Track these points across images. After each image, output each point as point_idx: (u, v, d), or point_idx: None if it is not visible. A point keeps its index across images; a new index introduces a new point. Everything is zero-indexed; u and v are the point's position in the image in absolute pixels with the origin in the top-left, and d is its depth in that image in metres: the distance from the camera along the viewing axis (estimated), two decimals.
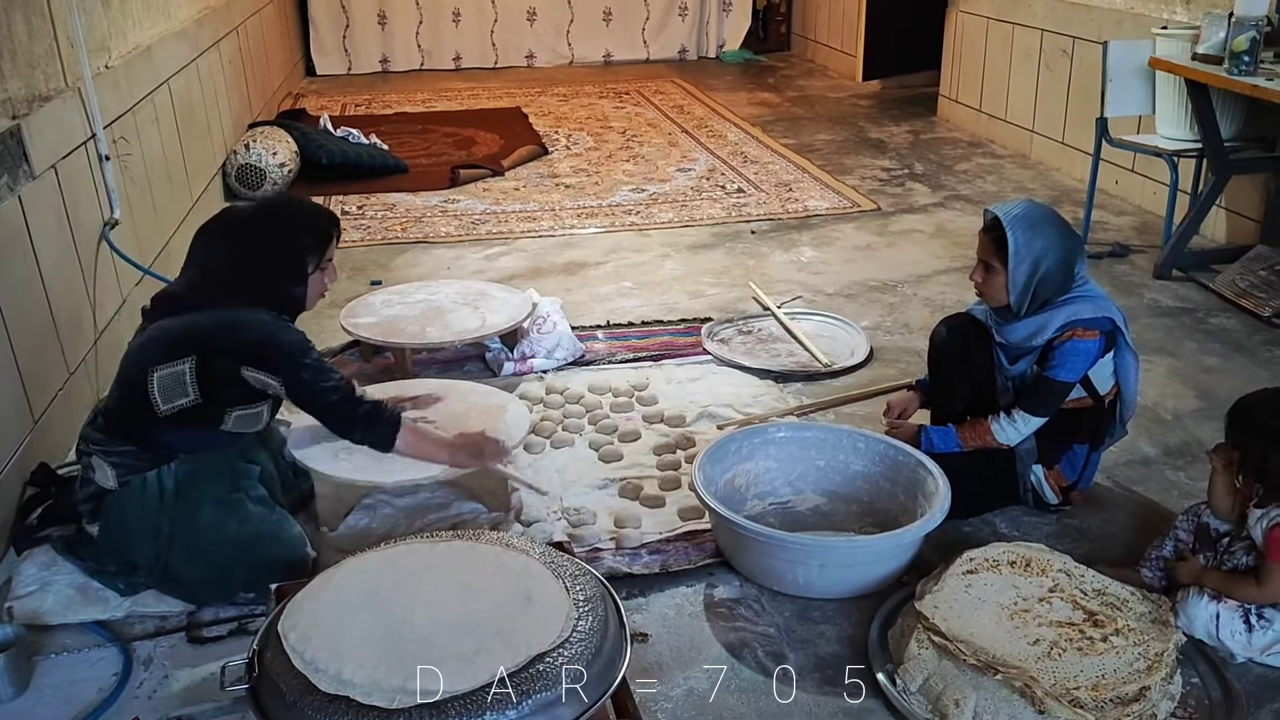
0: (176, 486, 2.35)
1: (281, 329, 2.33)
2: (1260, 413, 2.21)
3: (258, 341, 2.29)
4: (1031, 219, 2.52)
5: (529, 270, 4.46)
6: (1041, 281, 2.53)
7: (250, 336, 2.29)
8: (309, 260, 2.40)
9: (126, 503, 2.32)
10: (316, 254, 2.42)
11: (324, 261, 2.45)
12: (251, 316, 2.32)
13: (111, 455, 2.33)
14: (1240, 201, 4.46)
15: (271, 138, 5.49)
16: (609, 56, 9.54)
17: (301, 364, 2.31)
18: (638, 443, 3.07)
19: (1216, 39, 3.98)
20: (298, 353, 2.31)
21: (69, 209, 3.20)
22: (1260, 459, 2.17)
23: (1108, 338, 2.56)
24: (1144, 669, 1.98)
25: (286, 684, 1.74)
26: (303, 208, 2.51)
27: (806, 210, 5.21)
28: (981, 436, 2.62)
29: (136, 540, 2.32)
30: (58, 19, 3.36)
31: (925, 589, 2.21)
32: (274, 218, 2.43)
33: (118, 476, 2.32)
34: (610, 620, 1.92)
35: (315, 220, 2.45)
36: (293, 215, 2.45)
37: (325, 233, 2.44)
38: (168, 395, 2.28)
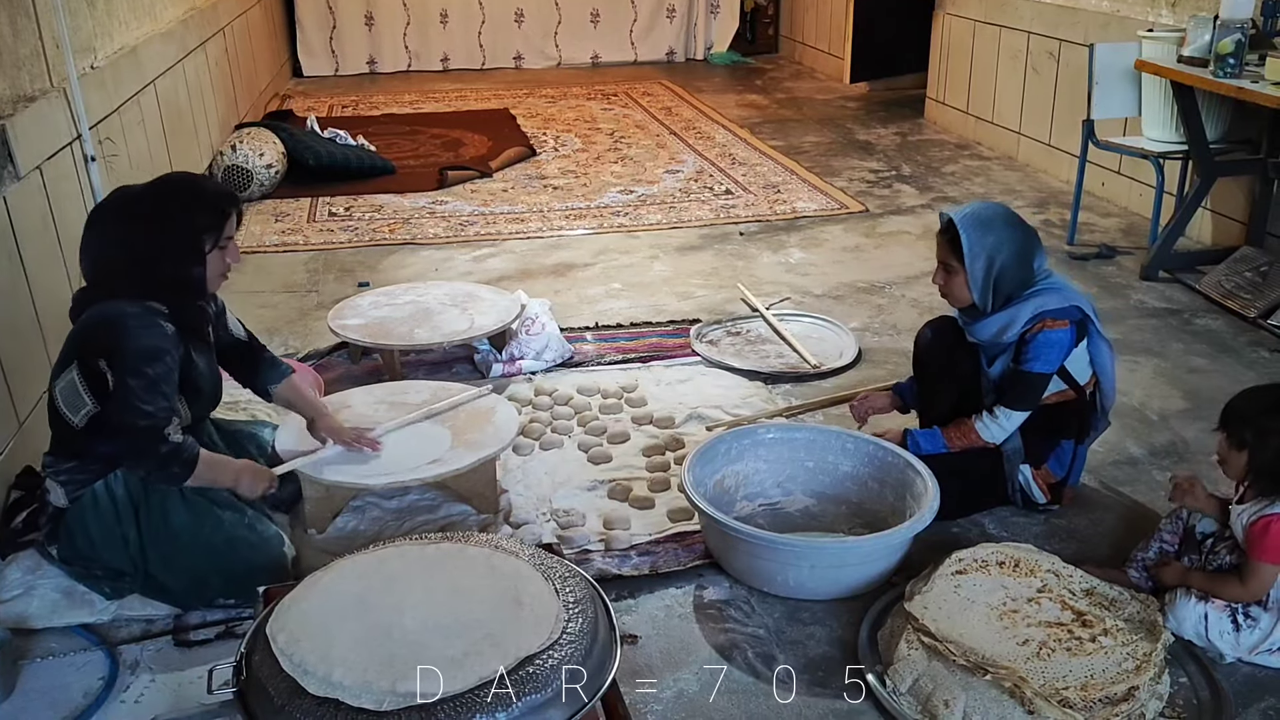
0: (128, 493, 2.31)
1: (142, 328, 2.20)
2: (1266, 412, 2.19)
3: (108, 335, 2.18)
4: (982, 217, 2.56)
5: (517, 272, 4.45)
6: (1000, 276, 2.56)
7: (107, 331, 2.19)
8: (205, 239, 2.28)
9: (83, 518, 2.30)
10: (213, 232, 2.29)
11: (223, 240, 2.32)
12: (116, 308, 2.21)
13: (60, 474, 2.31)
14: (1226, 203, 4.48)
15: (258, 139, 5.47)
16: (597, 58, 9.54)
17: (138, 369, 2.17)
18: (627, 444, 3.06)
19: (1202, 41, 4.00)
20: (142, 357, 2.18)
21: (54, 210, 3.18)
22: (1273, 458, 2.16)
23: (1078, 327, 2.59)
24: (1132, 669, 1.98)
25: (275, 687, 1.73)
26: (197, 185, 2.37)
27: (795, 212, 5.21)
28: (967, 436, 2.63)
29: (106, 552, 2.30)
30: (43, 19, 3.34)
31: (915, 590, 2.21)
32: (166, 196, 2.29)
33: (68, 494, 2.30)
34: (600, 622, 1.91)
35: (209, 198, 2.32)
36: (184, 194, 2.31)
37: (221, 210, 2.31)
38: (72, 406, 2.23)
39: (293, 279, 4.40)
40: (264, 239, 4.87)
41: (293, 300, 4.16)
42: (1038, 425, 2.63)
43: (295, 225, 5.09)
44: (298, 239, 4.88)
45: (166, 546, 2.31)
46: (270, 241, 4.84)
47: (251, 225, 5.03)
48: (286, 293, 4.25)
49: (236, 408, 2.98)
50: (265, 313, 3.99)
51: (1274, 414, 2.19)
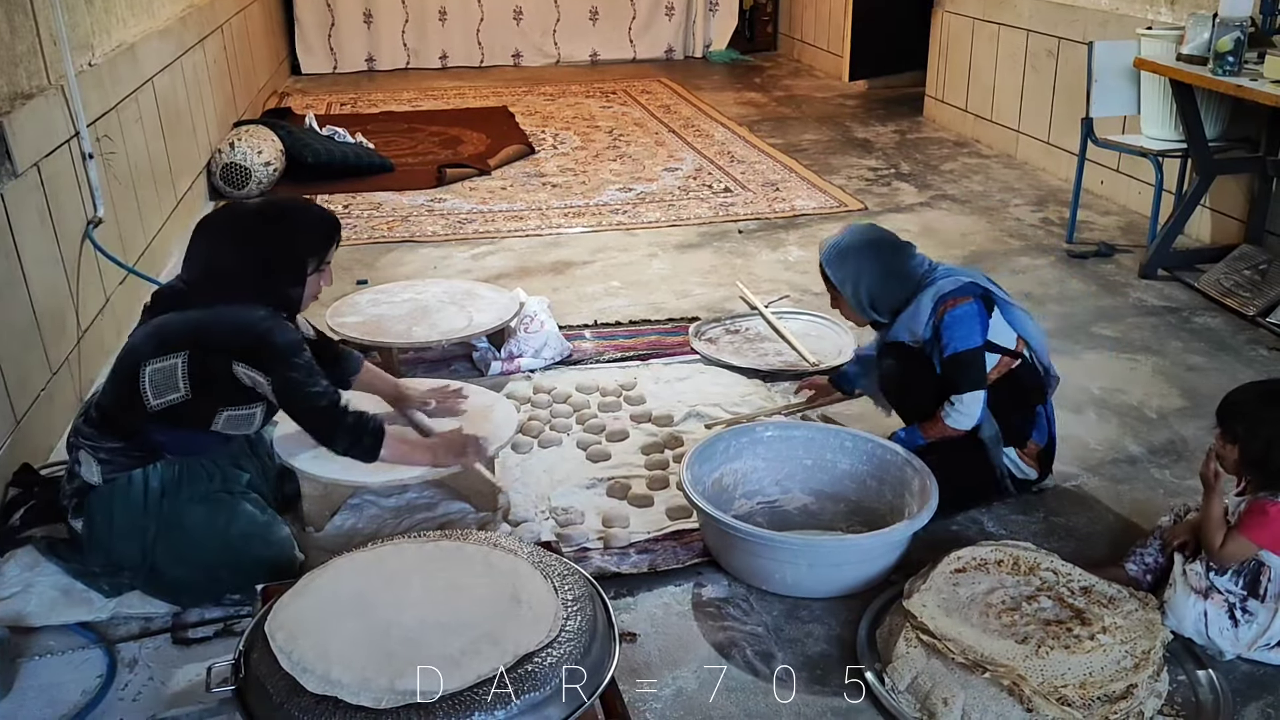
0: (162, 487, 2.33)
1: (277, 327, 2.32)
2: (1255, 405, 2.21)
3: (252, 337, 2.28)
4: (840, 247, 2.72)
5: (516, 269, 4.45)
6: (872, 297, 2.71)
7: (244, 332, 2.28)
8: (310, 262, 2.41)
9: (112, 500, 2.31)
10: (318, 256, 2.42)
11: (323, 264, 2.45)
12: (248, 313, 2.31)
13: (100, 451, 2.32)
14: (1225, 201, 4.48)
15: (257, 136, 5.46)
16: (595, 56, 9.53)
17: (292, 363, 2.30)
18: (625, 442, 3.06)
19: (1201, 39, 4.00)
20: (290, 352, 2.30)
21: (52, 208, 3.18)
22: (1264, 449, 2.17)
23: (983, 300, 2.64)
24: (1131, 667, 1.98)
25: (273, 685, 1.73)
26: (308, 209, 2.51)
27: (793, 210, 5.21)
28: (938, 426, 2.66)
29: (121, 539, 2.31)
30: (40, 16, 3.33)
31: (913, 588, 2.21)
32: (280, 217, 2.42)
33: (103, 473, 2.31)
34: (599, 620, 1.91)
35: (320, 222, 2.46)
36: (298, 216, 2.45)
37: (328, 235, 2.45)
38: (159, 390, 2.27)
39: None
40: None
41: None
42: (1004, 403, 2.65)
43: None
44: None
45: (180, 539, 2.32)
46: None
47: None
48: None
49: None
50: None
51: (1264, 405, 2.21)
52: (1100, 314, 3.94)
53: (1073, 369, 3.49)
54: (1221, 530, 2.18)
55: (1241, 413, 2.22)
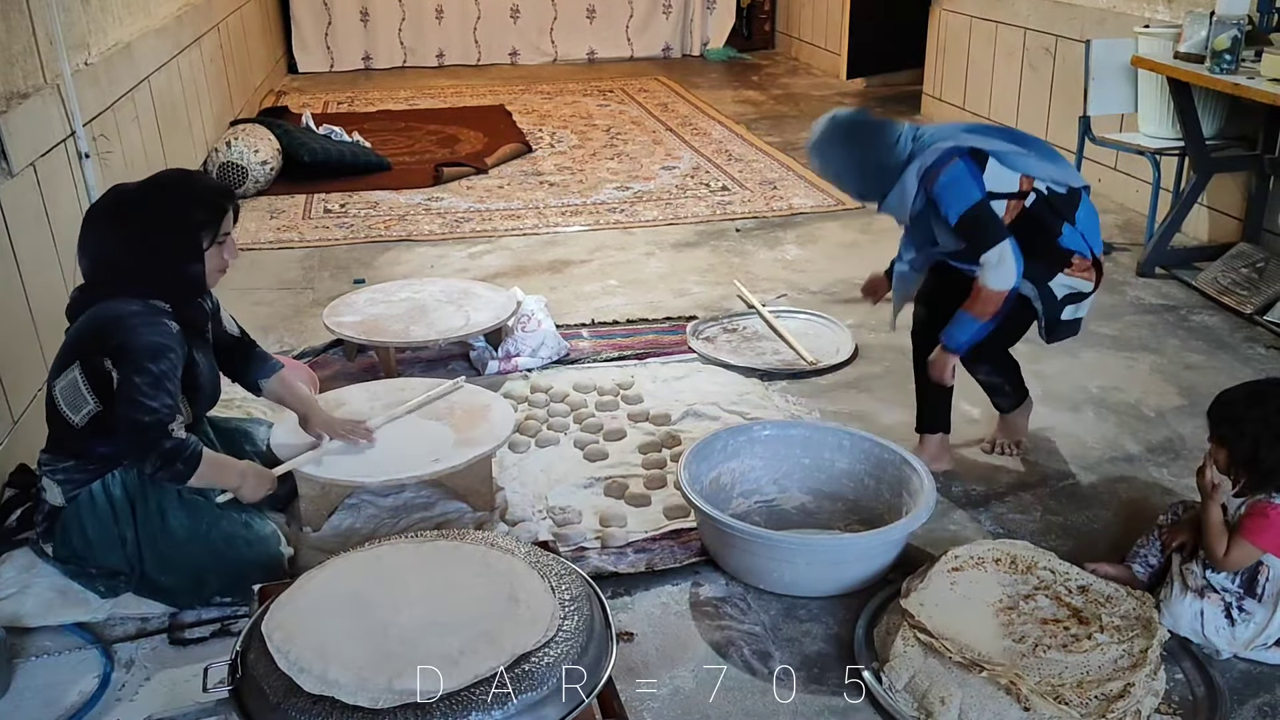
0: (126, 494, 2.30)
1: (142, 325, 2.20)
2: (1242, 405, 2.22)
3: (116, 333, 2.18)
4: (816, 146, 2.68)
5: (513, 268, 4.44)
6: (859, 188, 2.70)
7: (112, 330, 2.19)
8: (203, 236, 2.28)
9: (80, 517, 2.29)
10: (211, 228, 2.29)
11: (221, 236, 2.31)
12: (121, 308, 2.21)
13: (57, 473, 2.30)
14: (1222, 199, 4.48)
15: (253, 135, 5.46)
16: (593, 54, 9.52)
17: (141, 366, 2.16)
18: (623, 441, 3.06)
19: (1198, 38, 4.00)
20: (143, 355, 2.17)
21: (48, 207, 3.17)
22: (1251, 448, 2.17)
23: (971, 155, 2.57)
24: (1128, 666, 1.98)
25: (270, 685, 1.72)
26: (193, 179, 2.37)
27: (791, 208, 5.21)
28: (982, 299, 2.56)
29: (101, 552, 2.30)
30: (36, 16, 3.33)
31: (911, 587, 2.21)
32: (164, 193, 2.29)
33: (64, 493, 2.29)
34: (596, 619, 1.91)
35: (206, 194, 2.32)
36: (183, 189, 2.31)
37: (219, 206, 2.31)
38: (73, 406, 2.22)
39: (288, 276, 4.39)
40: (259, 236, 4.86)
41: (288, 297, 4.15)
42: (1030, 244, 2.57)
43: (290, 222, 5.08)
44: (293, 235, 4.87)
45: (163, 545, 2.30)
46: (265, 238, 4.83)
47: (247, 222, 5.02)
48: (281, 289, 4.24)
49: (232, 405, 2.97)
50: (260, 309, 3.98)
51: (1249, 405, 2.21)
52: (1098, 312, 3.93)
53: (1070, 367, 3.50)
54: (1223, 537, 2.18)
55: (1228, 413, 2.23)
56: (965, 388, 3.36)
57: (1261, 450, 2.16)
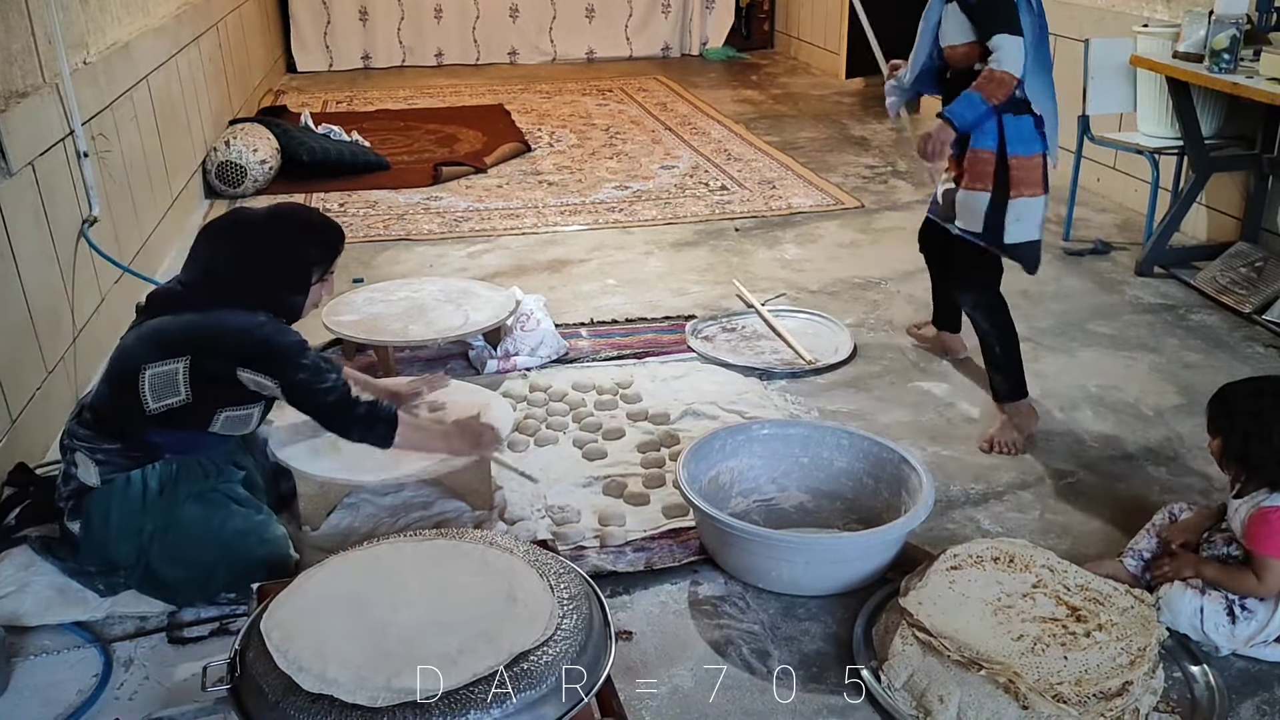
0: (160, 486, 2.33)
1: (279, 331, 2.33)
2: (1239, 399, 2.23)
3: (255, 343, 2.28)
4: None
5: (512, 267, 4.44)
6: None
7: (247, 338, 2.29)
8: (314, 271, 2.42)
9: (109, 501, 2.30)
10: (321, 266, 2.43)
11: (327, 273, 2.46)
12: (249, 319, 2.31)
13: (97, 452, 2.31)
14: (1221, 199, 4.48)
15: (252, 134, 5.45)
16: (592, 53, 9.52)
17: (299, 365, 2.30)
18: (622, 440, 3.06)
19: (1197, 37, 4.00)
20: (295, 354, 2.31)
21: (47, 207, 3.17)
22: (1241, 443, 2.19)
23: None
24: (1127, 664, 1.98)
25: (269, 684, 1.72)
26: (314, 218, 2.52)
27: (790, 208, 5.21)
28: (992, 81, 2.76)
29: (117, 539, 2.31)
30: (35, 15, 3.32)
31: (909, 585, 2.21)
32: (285, 225, 2.43)
33: (101, 474, 2.31)
34: (595, 618, 1.91)
35: (324, 233, 2.47)
36: (304, 225, 2.46)
37: (333, 246, 2.46)
38: (158, 394, 2.27)
39: None
40: None
41: None
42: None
43: None
44: None
45: (174, 537, 2.31)
46: None
47: None
48: None
49: None
50: None
51: (1245, 398, 2.22)
52: (1096, 311, 3.94)
53: (1069, 366, 3.50)
54: (1243, 575, 2.18)
55: (1224, 406, 2.25)
56: (964, 387, 3.36)
57: (1251, 445, 2.17)
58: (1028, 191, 2.90)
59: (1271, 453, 2.15)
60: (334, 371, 2.40)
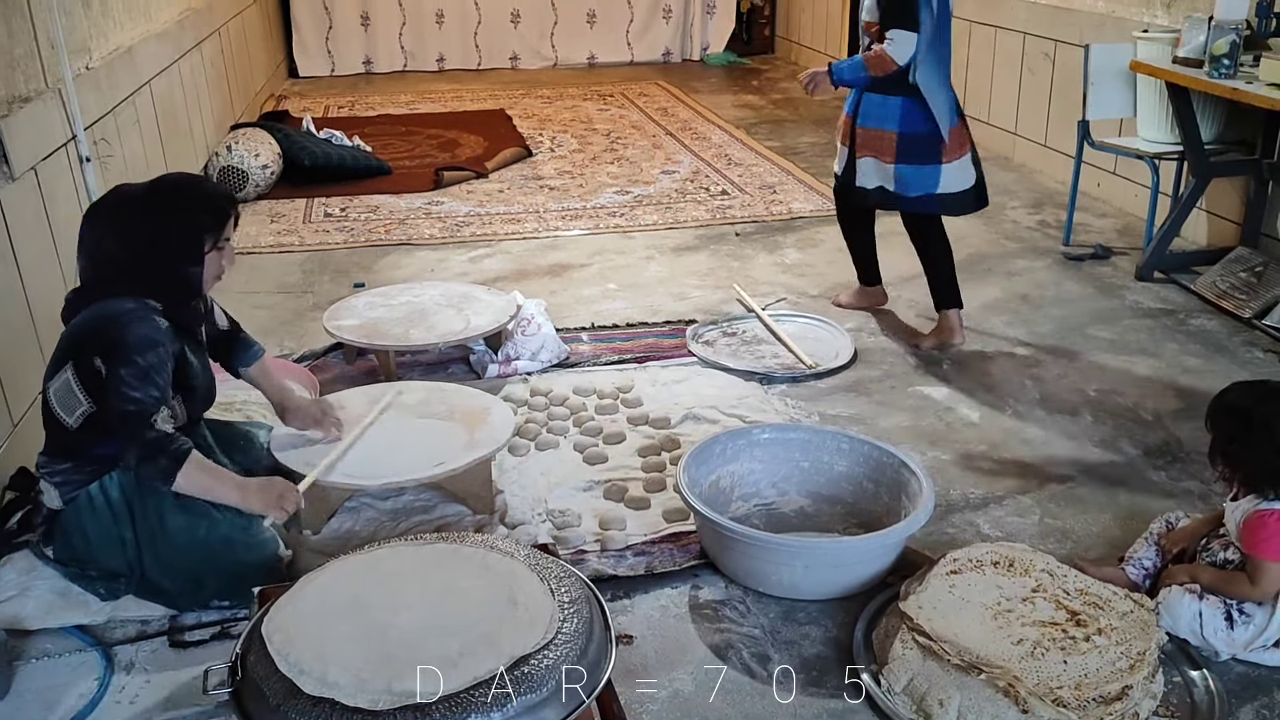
0: (123, 495, 2.30)
1: (135, 322, 2.20)
2: (1237, 402, 2.23)
3: (110, 330, 2.19)
4: None
5: (513, 272, 4.45)
6: None
7: (108, 329, 2.19)
8: (205, 240, 2.30)
9: (79, 519, 2.30)
10: (213, 233, 2.31)
11: (222, 241, 2.34)
12: (116, 305, 2.22)
13: (54, 476, 2.31)
14: (1220, 204, 4.49)
15: (254, 139, 5.47)
16: (593, 59, 9.54)
17: (130, 359, 2.16)
18: (622, 445, 3.06)
19: (1197, 42, 4.01)
20: (134, 349, 2.17)
21: (49, 211, 3.18)
22: (1226, 442, 2.20)
23: None
24: (1126, 668, 1.98)
25: (270, 687, 1.73)
26: (199, 186, 2.40)
27: (790, 212, 5.22)
28: (879, 56, 3.31)
29: (101, 554, 2.30)
30: (38, 20, 3.34)
31: (909, 589, 2.22)
32: (168, 196, 2.31)
33: (62, 495, 2.30)
34: (595, 622, 1.91)
35: (212, 199, 2.35)
36: (189, 193, 2.34)
37: (223, 211, 2.33)
38: (66, 406, 2.23)
39: (288, 280, 4.40)
40: (259, 240, 4.86)
41: (288, 301, 4.16)
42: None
43: (290, 226, 5.08)
44: (293, 239, 4.88)
45: (162, 547, 2.30)
46: (266, 242, 4.83)
47: (247, 226, 5.03)
48: (282, 293, 4.25)
49: (231, 409, 2.98)
50: (260, 313, 3.99)
51: (1240, 402, 2.23)
52: (1097, 316, 3.95)
53: (1069, 371, 3.51)
54: (1238, 580, 2.18)
55: (1218, 404, 2.26)
56: (965, 392, 3.37)
57: (1247, 449, 2.18)
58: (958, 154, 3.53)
59: (1268, 457, 2.15)
60: (159, 392, 2.20)
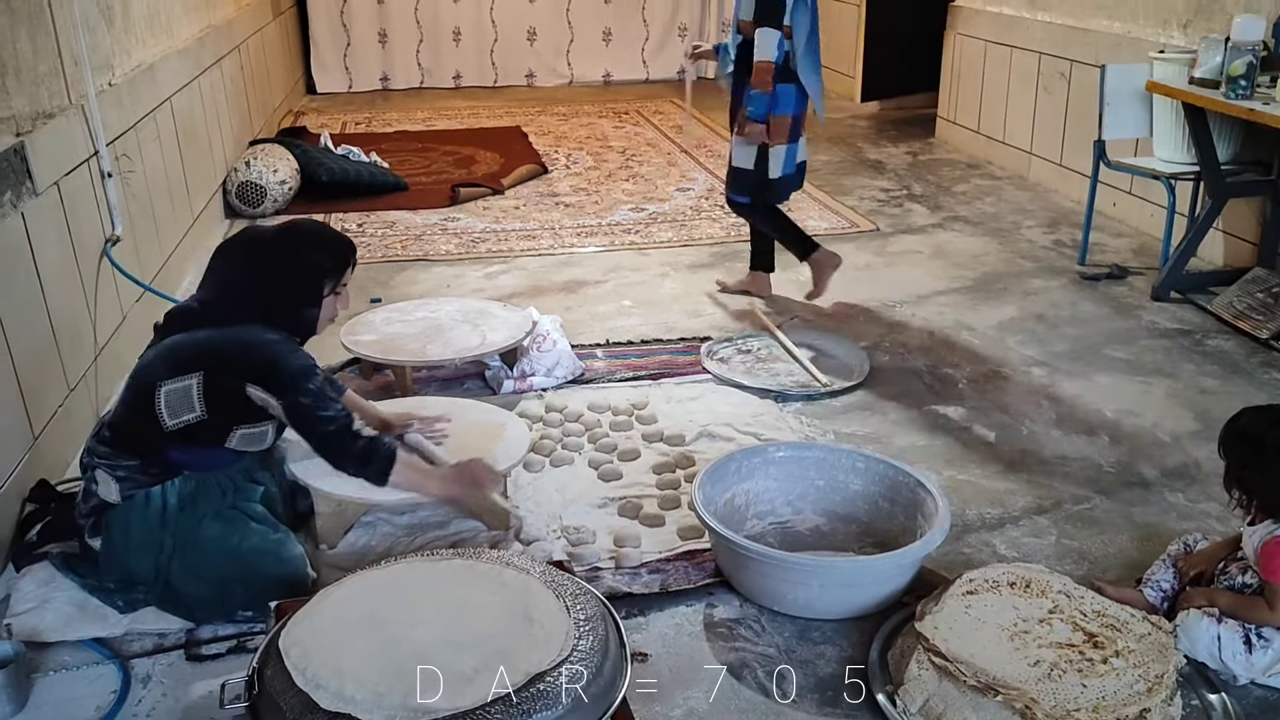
0: (179, 503, 2.35)
1: (290, 351, 2.35)
2: (1251, 425, 2.23)
3: (265, 361, 2.30)
4: None
5: (529, 288, 4.47)
6: None
7: (258, 355, 2.31)
8: (325, 283, 2.44)
9: (129, 517, 2.33)
10: (334, 278, 2.45)
11: (339, 286, 2.48)
12: (262, 335, 2.34)
13: (117, 469, 2.34)
14: (1237, 224, 4.48)
15: (272, 155, 5.51)
16: (608, 76, 9.58)
17: (303, 389, 2.31)
18: (637, 461, 3.07)
19: (1213, 63, 4.01)
20: (301, 377, 2.32)
21: (71, 226, 3.21)
22: (1240, 468, 2.19)
23: None
24: (1144, 691, 1.97)
25: (287, 702, 1.73)
26: (324, 232, 2.55)
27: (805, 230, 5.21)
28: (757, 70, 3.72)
29: (137, 555, 2.32)
30: (62, 37, 3.38)
31: (925, 610, 2.21)
32: (296, 239, 2.46)
33: (121, 491, 2.33)
34: (610, 640, 1.92)
35: (335, 245, 2.49)
36: (314, 238, 2.49)
37: (344, 258, 2.48)
38: (174, 410, 2.30)
39: None
40: None
41: None
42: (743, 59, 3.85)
43: None
44: None
45: (193, 554, 2.33)
46: None
47: None
48: None
49: None
50: None
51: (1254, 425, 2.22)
52: (1112, 336, 3.94)
53: (1085, 391, 3.50)
54: (1257, 605, 2.17)
55: (1230, 430, 2.25)
56: (980, 411, 3.36)
57: (1248, 472, 2.17)
58: (779, 140, 3.90)
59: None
60: (338, 401, 2.41)
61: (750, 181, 4.00)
